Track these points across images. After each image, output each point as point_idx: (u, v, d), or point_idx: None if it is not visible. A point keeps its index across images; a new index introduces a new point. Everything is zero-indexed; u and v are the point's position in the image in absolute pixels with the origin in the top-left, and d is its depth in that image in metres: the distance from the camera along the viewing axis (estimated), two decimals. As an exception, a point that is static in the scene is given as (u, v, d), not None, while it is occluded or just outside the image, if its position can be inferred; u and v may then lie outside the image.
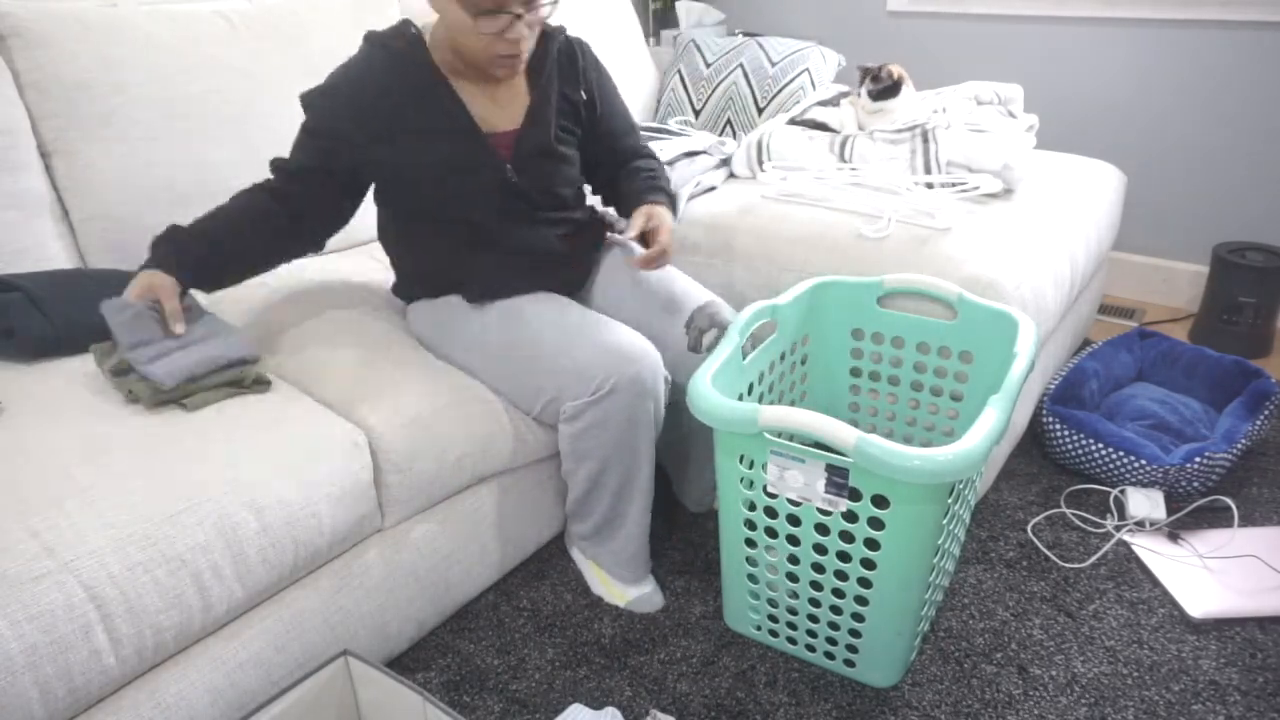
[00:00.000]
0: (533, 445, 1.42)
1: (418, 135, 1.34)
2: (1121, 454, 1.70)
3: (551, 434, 1.45)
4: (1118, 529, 1.63)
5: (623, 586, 1.48)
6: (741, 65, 2.41)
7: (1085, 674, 1.34)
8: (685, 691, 1.32)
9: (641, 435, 1.35)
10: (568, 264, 1.50)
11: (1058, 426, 1.80)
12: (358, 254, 1.80)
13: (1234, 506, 1.66)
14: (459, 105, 1.35)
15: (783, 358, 1.52)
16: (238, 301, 1.54)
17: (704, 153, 2.04)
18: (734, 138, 2.40)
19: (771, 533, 1.28)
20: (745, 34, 2.65)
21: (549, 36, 1.43)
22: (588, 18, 2.40)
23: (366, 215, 1.86)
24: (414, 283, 1.50)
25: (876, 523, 1.17)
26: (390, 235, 1.49)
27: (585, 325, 1.35)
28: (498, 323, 1.39)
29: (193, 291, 1.48)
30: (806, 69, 2.35)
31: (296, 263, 1.73)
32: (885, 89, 1.91)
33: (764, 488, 1.23)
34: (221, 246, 1.30)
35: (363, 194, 1.42)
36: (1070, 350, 2.14)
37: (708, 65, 2.46)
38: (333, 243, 1.82)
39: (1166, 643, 1.39)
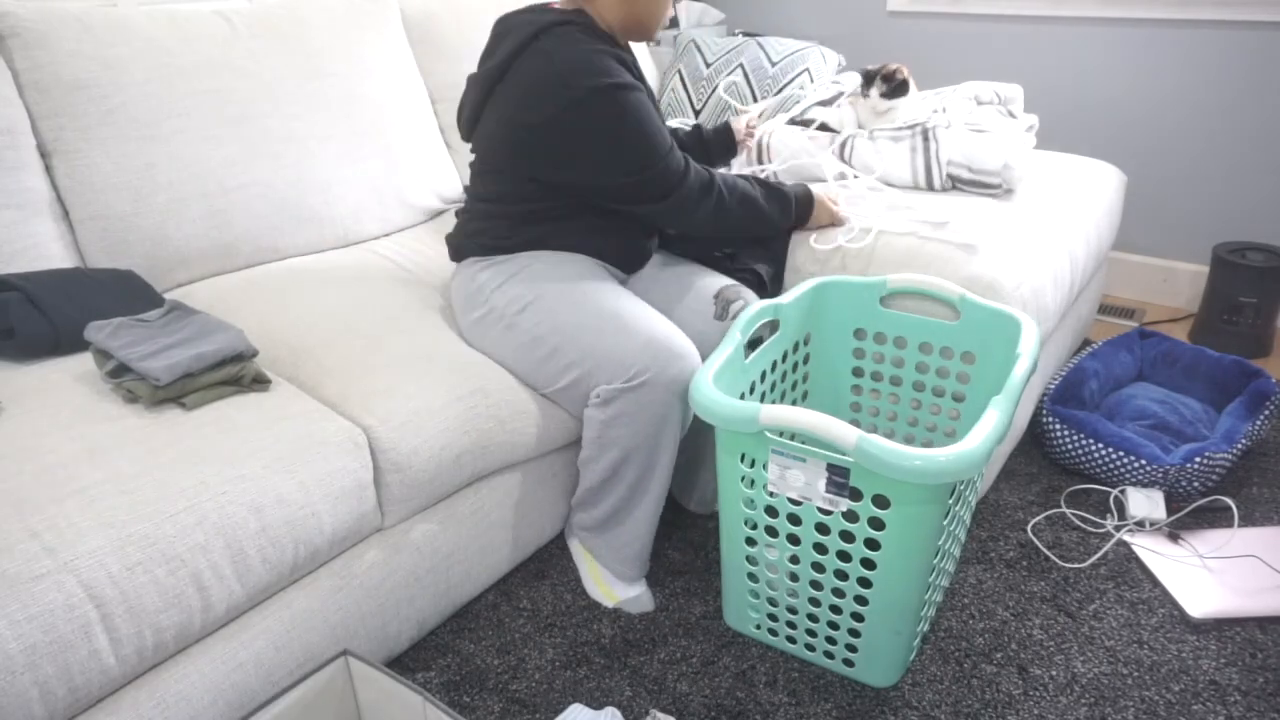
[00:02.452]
0: (533, 441, 1.42)
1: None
2: (1121, 454, 1.70)
3: (552, 430, 1.45)
4: (1118, 529, 1.63)
5: (616, 585, 1.48)
6: (741, 65, 2.41)
7: (1085, 674, 1.34)
8: (685, 691, 1.32)
9: (668, 433, 1.36)
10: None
11: (1058, 426, 1.80)
12: (359, 250, 1.80)
13: (1234, 506, 1.66)
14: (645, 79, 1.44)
15: (785, 357, 1.52)
16: (237, 300, 1.54)
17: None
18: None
19: (772, 532, 1.28)
20: (745, 34, 2.65)
21: None
22: (588, 18, 2.39)
23: (362, 215, 1.87)
24: (500, 237, 1.45)
25: (877, 523, 1.17)
26: (505, 192, 1.45)
27: (633, 312, 1.36)
28: (546, 290, 1.39)
29: (183, 294, 1.47)
30: (806, 69, 2.35)
31: (294, 261, 1.73)
32: (898, 86, 1.92)
33: (765, 487, 1.23)
34: None
35: None
36: (1070, 350, 2.14)
37: (708, 65, 2.46)
38: (331, 241, 1.83)
39: (1166, 643, 1.39)
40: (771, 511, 1.26)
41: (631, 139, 1.32)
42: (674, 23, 3.05)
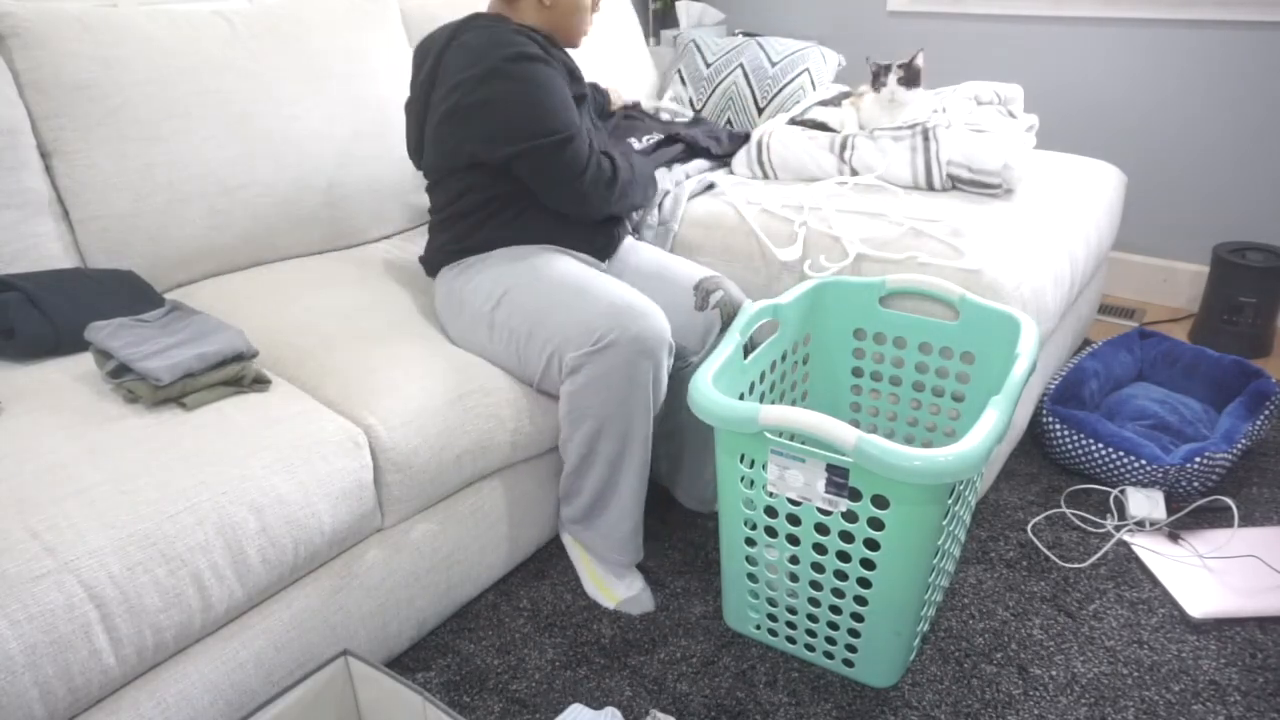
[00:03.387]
0: (533, 439, 1.43)
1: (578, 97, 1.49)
2: (1121, 454, 1.70)
3: (552, 430, 1.45)
4: (1118, 529, 1.63)
5: (615, 585, 1.48)
6: (741, 65, 2.41)
7: (1085, 674, 1.34)
8: (685, 691, 1.32)
9: (639, 398, 1.35)
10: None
11: (1058, 426, 1.80)
12: (358, 252, 1.80)
13: (1234, 506, 1.66)
14: (579, 73, 1.52)
15: (784, 357, 1.52)
16: (237, 300, 1.54)
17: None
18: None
19: (771, 532, 1.28)
20: (745, 34, 2.65)
21: None
22: (588, 18, 2.39)
23: (362, 215, 1.87)
24: (464, 238, 1.49)
25: (876, 523, 1.17)
26: (461, 192, 1.48)
27: (595, 282, 1.37)
28: (513, 278, 1.41)
29: (183, 294, 1.46)
30: (806, 69, 2.35)
31: (294, 261, 1.74)
32: (914, 75, 1.93)
33: (764, 487, 1.23)
34: None
35: None
36: (1070, 350, 2.14)
37: (708, 65, 2.46)
38: (331, 242, 1.83)
39: (1166, 643, 1.39)
40: (771, 512, 1.26)
41: (537, 99, 1.36)
42: (674, 22, 3.05)
